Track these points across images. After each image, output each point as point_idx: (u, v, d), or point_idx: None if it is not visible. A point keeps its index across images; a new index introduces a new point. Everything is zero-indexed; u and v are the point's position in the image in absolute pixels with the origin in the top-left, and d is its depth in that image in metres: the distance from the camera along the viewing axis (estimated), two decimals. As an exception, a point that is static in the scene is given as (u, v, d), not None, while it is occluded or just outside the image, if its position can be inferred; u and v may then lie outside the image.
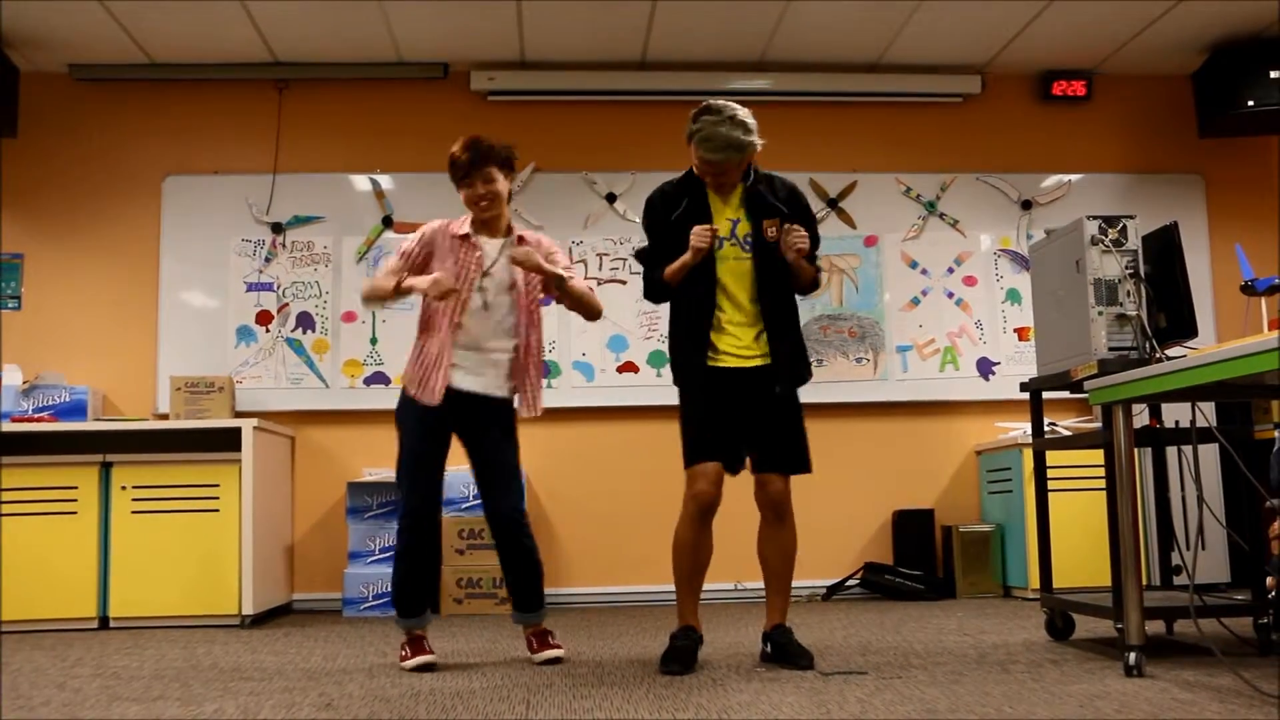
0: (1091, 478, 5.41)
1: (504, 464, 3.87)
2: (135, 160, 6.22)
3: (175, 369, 5.90)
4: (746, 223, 3.67)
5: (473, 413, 3.83)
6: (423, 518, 3.77)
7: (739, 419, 3.65)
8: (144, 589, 5.22)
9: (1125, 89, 6.62)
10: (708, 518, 3.64)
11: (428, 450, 3.80)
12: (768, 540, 3.72)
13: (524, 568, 3.90)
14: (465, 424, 3.86)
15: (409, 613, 3.83)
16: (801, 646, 3.63)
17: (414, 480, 3.78)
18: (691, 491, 3.62)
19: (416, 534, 3.78)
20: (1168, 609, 3.72)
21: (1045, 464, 4.25)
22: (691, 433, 3.66)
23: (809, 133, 6.44)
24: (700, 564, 3.68)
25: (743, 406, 3.65)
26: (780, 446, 3.67)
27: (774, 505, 3.68)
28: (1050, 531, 4.22)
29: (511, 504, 3.87)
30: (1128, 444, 3.40)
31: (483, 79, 6.30)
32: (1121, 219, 3.80)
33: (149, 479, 5.28)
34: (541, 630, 3.92)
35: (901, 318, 6.38)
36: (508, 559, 3.91)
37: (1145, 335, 3.72)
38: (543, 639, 3.89)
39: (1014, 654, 3.79)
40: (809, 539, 5.18)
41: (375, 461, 6.00)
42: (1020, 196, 6.51)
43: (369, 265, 6.19)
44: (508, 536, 3.87)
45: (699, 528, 3.63)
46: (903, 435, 6.32)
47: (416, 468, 3.79)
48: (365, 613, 5.60)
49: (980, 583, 5.95)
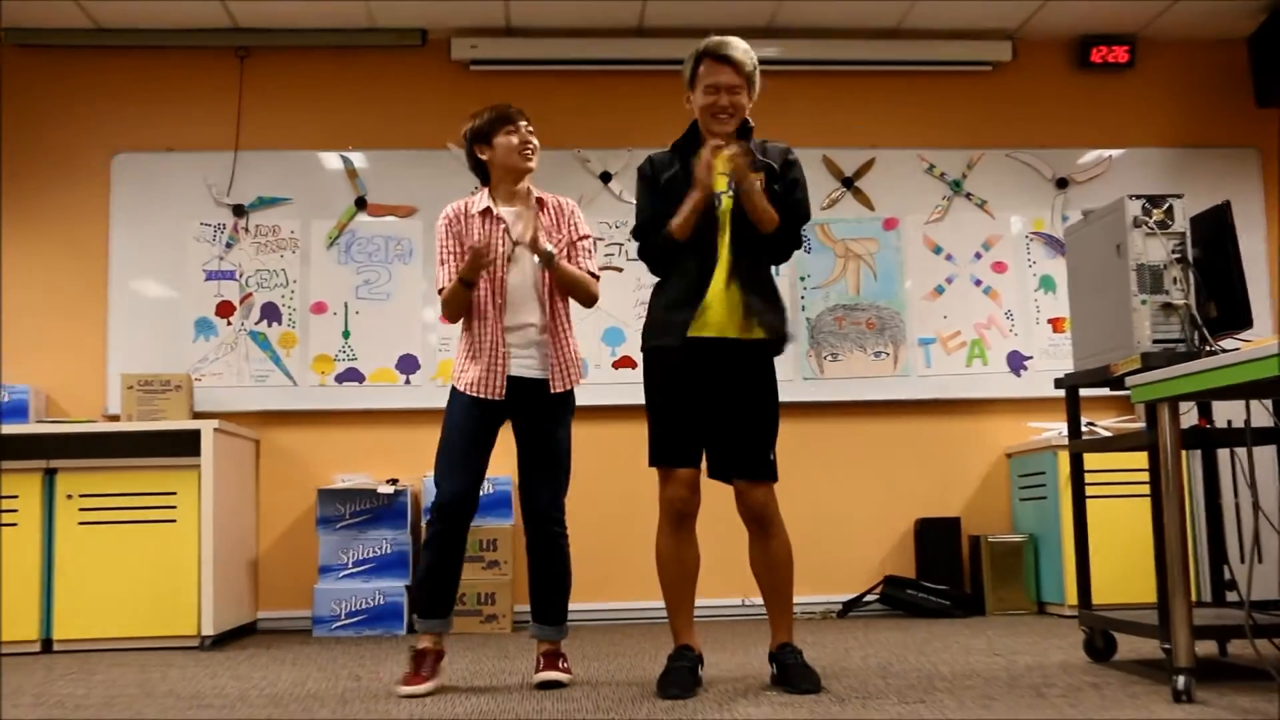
0: (1135, 483, 5.37)
1: (546, 452, 3.91)
2: (81, 136, 6.19)
3: (127, 366, 5.88)
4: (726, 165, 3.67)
5: (524, 397, 3.87)
6: (457, 508, 3.79)
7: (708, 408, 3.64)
8: (92, 608, 5.19)
9: (1172, 54, 6.60)
10: (686, 523, 3.65)
11: (473, 436, 3.84)
12: (757, 554, 3.73)
13: (551, 573, 3.91)
14: (517, 410, 3.89)
15: (429, 612, 3.83)
16: (808, 668, 3.62)
17: (452, 466, 3.82)
18: (664, 498, 3.65)
19: (448, 522, 3.79)
20: (1220, 628, 3.70)
21: (1083, 468, 4.24)
22: (659, 430, 3.68)
23: (822, 105, 6.43)
24: (686, 574, 3.69)
25: (713, 389, 3.63)
26: (749, 448, 3.65)
27: (754, 517, 3.67)
28: (1089, 542, 4.21)
29: (548, 498, 3.89)
30: (1174, 446, 3.38)
31: (464, 47, 6.29)
32: (1168, 198, 3.80)
33: (97, 487, 5.25)
34: (555, 651, 3.90)
35: (924, 308, 6.37)
36: (536, 561, 3.92)
37: (1194, 326, 3.71)
38: (551, 660, 3.87)
39: (1050, 677, 3.78)
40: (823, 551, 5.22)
41: (348, 466, 5.99)
42: (1055, 174, 6.50)
43: (340, 251, 6.17)
44: (539, 534, 3.90)
45: (677, 536, 3.65)
46: (926, 437, 6.32)
47: (457, 454, 3.82)
48: (337, 632, 5.59)
49: (1011, 598, 5.95)
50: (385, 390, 6.12)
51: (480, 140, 3.93)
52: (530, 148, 3.92)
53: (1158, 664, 3.93)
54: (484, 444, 3.87)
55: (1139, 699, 3.34)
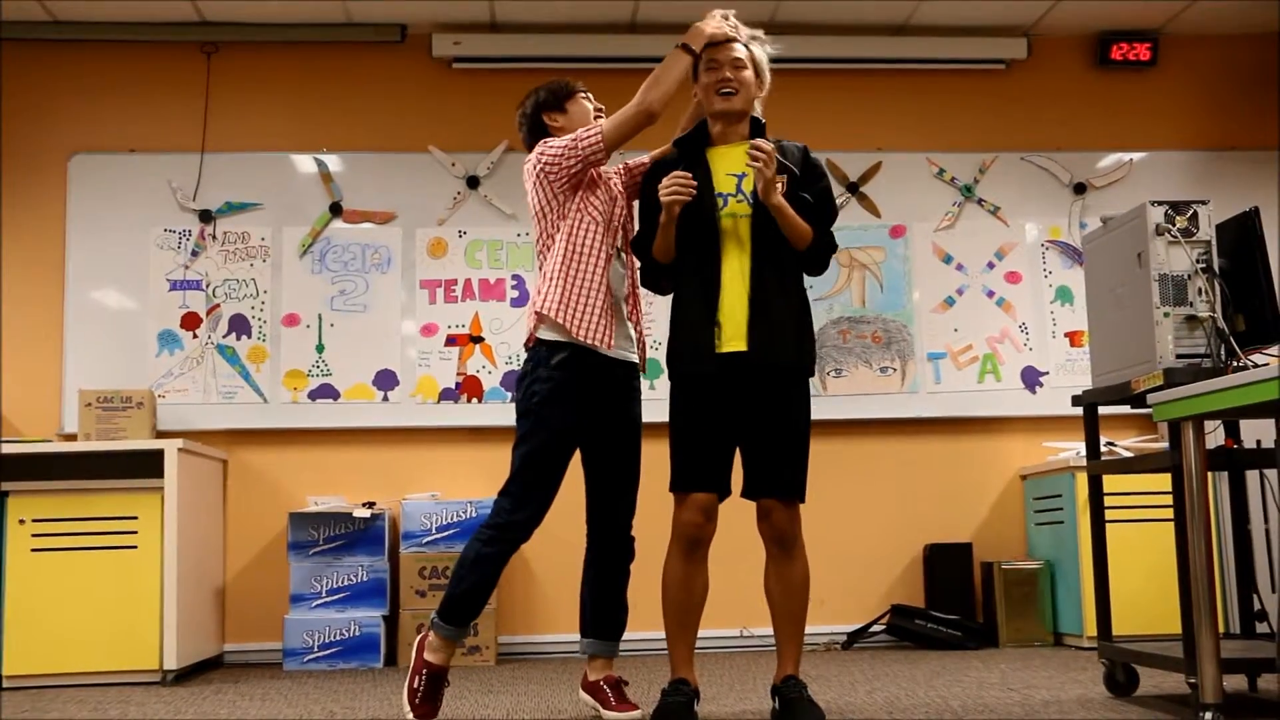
0: (1157, 506, 5.39)
1: (634, 461, 3.93)
2: (36, 136, 6.18)
3: (85, 382, 5.85)
4: (753, 180, 3.66)
5: (615, 385, 3.86)
6: (529, 530, 3.75)
7: (737, 428, 3.64)
8: (46, 642, 5.15)
9: (1197, 51, 6.62)
10: (699, 550, 3.64)
11: (569, 440, 3.78)
12: (774, 576, 3.71)
13: (618, 589, 3.93)
14: (607, 400, 3.85)
15: (462, 620, 3.76)
16: (811, 703, 3.59)
17: (542, 478, 3.74)
18: (678, 521, 3.63)
19: (512, 545, 3.75)
20: (1249, 661, 3.70)
21: (1102, 490, 4.24)
22: (683, 454, 3.65)
23: (826, 106, 6.43)
24: (693, 604, 3.67)
25: (741, 408, 3.62)
26: (777, 465, 3.64)
27: (778, 538, 3.66)
28: (1109, 569, 4.20)
29: (628, 523, 3.92)
30: (1200, 467, 3.37)
31: (447, 43, 6.28)
32: (1192, 204, 3.80)
33: (53, 511, 5.22)
34: (616, 678, 3.89)
35: (933, 320, 6.37)
36: (601, 578, 3.92)
37: (1220, 339, 3.70)
38: (619, 692, 3.85)
39: (1067, 712, 3.76)
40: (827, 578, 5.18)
41: (322, 489, 5.97)
42: (1072, 179, 6.51)
43: (314, 260, 6.16)
44: (615, 557, 3.91)
45: (688, 562, 3.64)
46: (935, 457, 6.31)
47: (551, 462, 3.75)
48: (309, 665, 5.56)
49: (1026, 629, 5.94)
50: (361, 408, 6.10)
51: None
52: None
53: (1182, 699, 3.93)
54: (574, 447, 3.86)
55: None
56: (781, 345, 3.62)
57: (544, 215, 3.82)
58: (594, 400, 3.79)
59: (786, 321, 3.65)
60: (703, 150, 3.75)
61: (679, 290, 3.73)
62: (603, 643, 3.91)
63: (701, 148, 3.76)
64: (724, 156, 3.73)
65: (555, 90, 3.98)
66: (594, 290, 3.75)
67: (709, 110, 3.76)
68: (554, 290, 3.74)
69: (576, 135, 3.75)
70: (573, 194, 3.80)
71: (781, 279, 3.68)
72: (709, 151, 3.75)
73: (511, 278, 6.22)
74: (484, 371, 6.11)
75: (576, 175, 3.77)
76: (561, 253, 3.77)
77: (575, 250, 3.76)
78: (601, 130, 3.72)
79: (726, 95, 3.70)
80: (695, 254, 3.66)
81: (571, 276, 3.75)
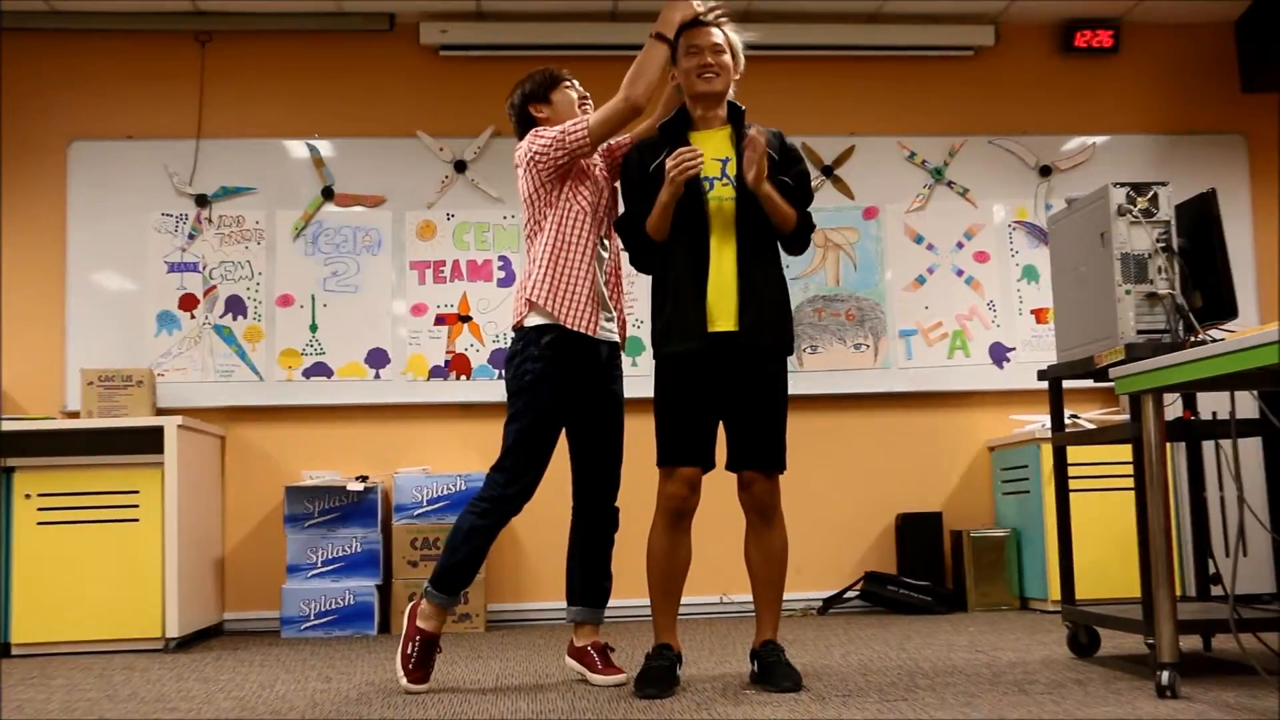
0: (1118, 475, 5.45)
1: (617, 436, 3.95)
2: (36, 124, 6.15)
3: (86, 361, 5.85)
4: (737, 163, 3.68)
5: (599, 364, 3.87)
6: (522, 502, 3.79)
7: (720, 404, 3.67)
8: (52, 611, 5.17)
9: (1157, 39, 6.64)
10: (683, 522, 3.66)
11: (559, 417, 3.82)
12: (754, 545, 3.75)
13: (603, 559, 3.96)
14: (592, 379, 3.87)
15: (454, 589, 3.80)
16: (789, 666, 3.64)
17: (534, 454, 3.78)
18: (665, 494, 3.65)
19: (505, 518, 3.79)
20: (1205, 622, 3.73)
21: (1066, 461, 4.27)
22: (669, 430, 3.67)
23: (801, 92, 6.43)
24: (676, 572, 3.70)
25: (725, 385, 3.65)
26: (760, 438, 3.68)
27: (759, 508, 3.70)
28: (1072, 536, 4.24)
29: (613, 495, 3.95)
30: (1159, 438, 3.41)
31: (434, 31, 6.27)
32: (1152, 186, 3.82)
33: (57, 486, 5.23)
34: (602, 644, 3.92)
35: (905, 298, 6.40)
36: (588, 550, 3.95)
37: (1179, 316, 3.73)
38: (605, 657, 3.88)
39: (1032, 673, 3.80)
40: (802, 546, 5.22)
41: (316, 463, 5.97)
42: (1038, 162, 6.53)
43: (307, 242, 6.15)
44: (600, 528, 3.94)
45: (673, 533, 3.66)
46: (906, 430, 6.35)
47: (542, 438, 3.79)
48: (306, 633, 5.58)
49: (994, 594, 5.98)
50: (354, 385, 6.11)
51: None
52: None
53: (1142, 659, 3.97)
54: (561, 425, 3.89)
55: (1123, 695, 3.37)
56: (768, 326, 3.65)
57: (532, 202, 3.85)
58: (580, 379, 3.82)
59: (772, 303, 3.68)
60: (685, 134, 3.76)
61: (666, 270, 3.72)
62: (588, 610, 3.95)
63: (684, 131, 3.77)
64: (707, 140, 3.73)
65: (540, 81, 3.99)
66: (581, 279, 3.78)
67: (690, 92, 3.76)
68: (544, 279, 3.77)
69: (564, 129, 3.75)
70: (561, 183, 3.82)
71: (766, 261, 3.71)
72: (691, 135, 3.76)
73: (498, 259, 6.23)
74: (472, 350, 6.12)
75: (563, 167, 3.78)
76: (551, 242, 3.79)
77: (564, 240, 3.79)
78: (588, 125, 3.72)
79: (708, 79, 3.72)
80: (685, 235, 3.67)
81: (560, 265, 3.77)
